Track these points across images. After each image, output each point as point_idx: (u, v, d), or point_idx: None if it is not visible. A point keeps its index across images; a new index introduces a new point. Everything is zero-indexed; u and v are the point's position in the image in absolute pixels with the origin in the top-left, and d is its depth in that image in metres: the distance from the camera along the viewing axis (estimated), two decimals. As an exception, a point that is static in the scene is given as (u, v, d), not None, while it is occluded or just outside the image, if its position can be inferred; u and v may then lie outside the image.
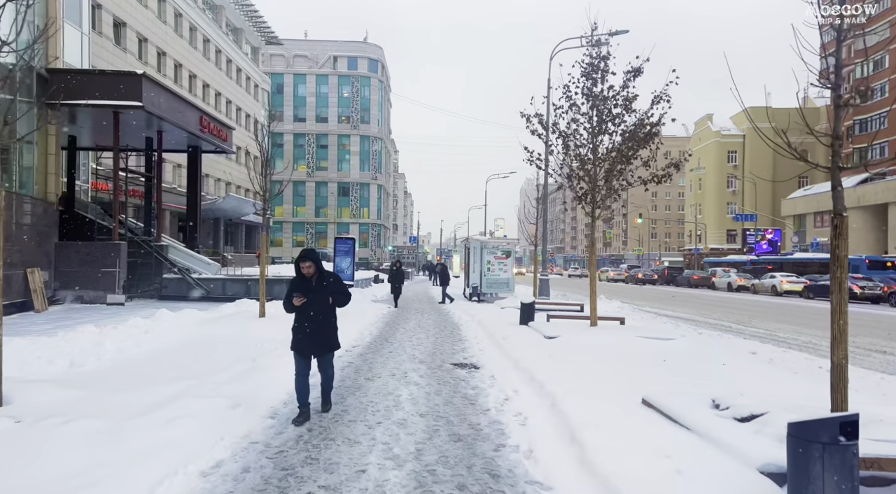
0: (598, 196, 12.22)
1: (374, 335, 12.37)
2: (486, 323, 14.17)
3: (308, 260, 5.63)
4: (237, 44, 48.39)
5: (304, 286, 5.68)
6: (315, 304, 5.68)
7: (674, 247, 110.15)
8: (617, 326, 13.11)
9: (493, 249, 23.83)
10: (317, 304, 5.69)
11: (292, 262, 7.59)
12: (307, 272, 5.64)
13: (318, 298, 5.68)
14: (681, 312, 20.99)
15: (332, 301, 5.77)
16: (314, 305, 5.68)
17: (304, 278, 5.70)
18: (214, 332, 10.72)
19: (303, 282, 5.70)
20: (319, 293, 5.69)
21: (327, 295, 5.73)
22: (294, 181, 79.51)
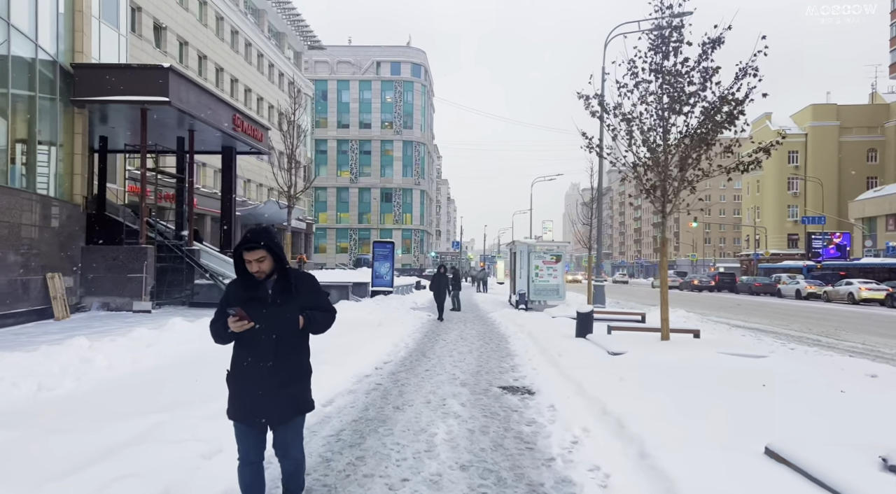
0: (670, 188, 10.49)
1: (410, 348, 10.91)
2: (536, 335, 12.54)
3: (259, 245, 3.05)
4: (279, 48, 48.10)
5: (251, 295, 3.11)
6: (270, 330, 3.10)
7: (729, 252, 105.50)
8: (691, 340, 11.30)
9: (541, 253, 22.14)
10: (274, 330, 3.11)
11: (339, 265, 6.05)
12: (258, 270, 3.08)
13: (277, 319, 3.12)
14: (753, 322, 18.84)
15: (302, 323, 3.21)
16: (269, 332, 3.10)
17: (252, 280, 3.13)
18: (229, 345, 9.44)
19: (247, 289, 3.13)
20: (279, 308, 3.12)
21: (295, 314, 3.16)
22: (337, 187, 79.41)
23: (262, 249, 3.05)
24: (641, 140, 10.41)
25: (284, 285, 3.15)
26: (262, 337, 3.09)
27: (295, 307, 3.17)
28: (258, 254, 3.05)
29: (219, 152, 22.60)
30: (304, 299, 3.23)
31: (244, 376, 3.15)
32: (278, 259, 3.14)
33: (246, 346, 3.15)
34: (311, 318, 3.23)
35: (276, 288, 3.14)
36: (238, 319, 2.97)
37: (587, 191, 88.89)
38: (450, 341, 12.13)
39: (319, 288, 3.36)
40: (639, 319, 16.95)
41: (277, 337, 3.11)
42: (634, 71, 10.47)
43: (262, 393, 3.11)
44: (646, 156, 10.57)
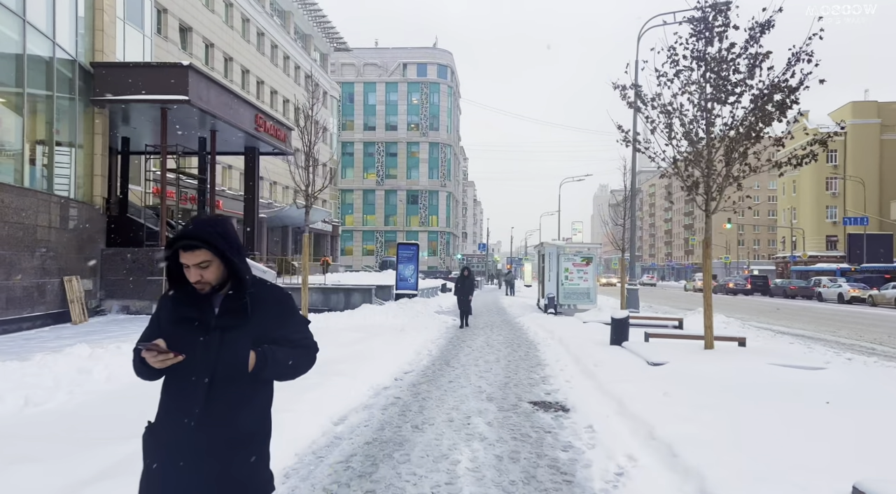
0: (714, 185, 9.68)
1: (433, 356, 10.27)
2: (568, 342, 11.79)
3: (200, 244, 2.00)
4: (305, 50, 48.04)
5: (186, 315, 2.07)
6: (202, 369, 2.02)
7: (763, 254, 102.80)
8: (736, 349, 10.45)
9: (571, 255, 21.32)
10: (207, 370, 2.02)
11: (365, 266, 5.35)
12: (199, 279, 2.02)
13: (216, 354, 2.03)
14: (797, 328, 17.77)
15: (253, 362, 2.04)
16: (200, 372, 2.02)
17: (192, 294, 2.08)
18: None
19: (183, 306, 2.09)
20: (223, 337, 2.05)
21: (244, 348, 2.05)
22: (364, 189, 79.35)
23: (204, 250, 1.97)
24: (682, 133, 9.61)
25: (236, 304, 2.05)
26: (191, 379, 2.01)
27: (246, 337, 2.04)
28: (199, 257, 1.98)
29: (242, 153, 22.32)
30: (266, 326, 2.09)
31: (161, 437, 2.05)
32: (230, 264, 2.02)
33: (170, 390, 2.08)
34: (269, 357, 2.03)
35: (224, 307, 2.05)
36: (157, 353, 1.95)
37: (616, 191, 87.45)
38: (475, 348, 11.46)
39: (294, 310, 2.19)
40: (676, 325, 16.07)
41: (211, 381, 2.00)
42: (675, 59, 9.70)
43: (183, 464, 1.99)
44: (687, 151, 9.78)
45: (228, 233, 2.05)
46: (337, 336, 10.58)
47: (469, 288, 16.39)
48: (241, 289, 2.06)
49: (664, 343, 10.98)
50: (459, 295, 16.30)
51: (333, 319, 14.14)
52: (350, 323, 13.65)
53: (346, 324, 13.41)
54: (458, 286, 16.51)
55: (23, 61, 12.80)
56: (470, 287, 16.47)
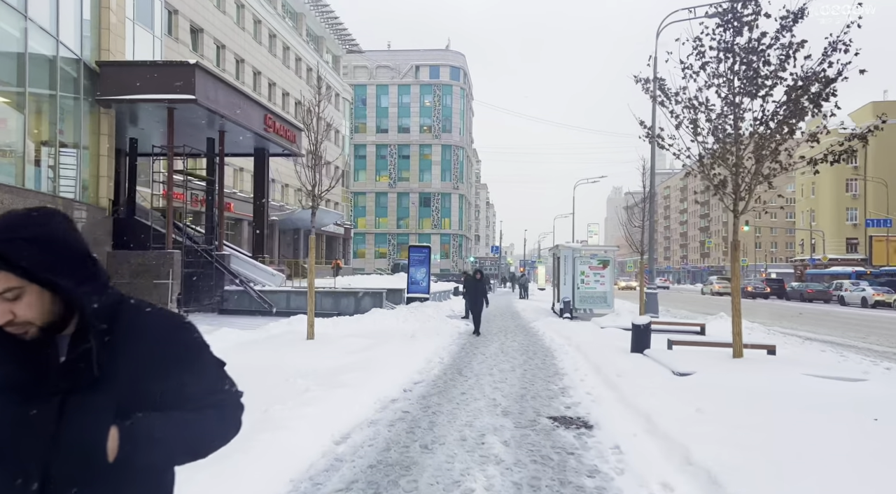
0: (743, 184, 9.11)
1: (444, 364, 9.77)
2: (586, 349, 11.24)
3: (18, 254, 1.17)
4: (318, 52, 47.85)
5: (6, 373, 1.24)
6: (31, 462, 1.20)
7: (780, 257, 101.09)
8: (765, 358, 9.86)
9: (587, 258, 20.74)
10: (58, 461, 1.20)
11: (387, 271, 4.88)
12: (9, 319, 1.19)
13: (65, 433, 1.20)
14: (824, 334, 17.06)
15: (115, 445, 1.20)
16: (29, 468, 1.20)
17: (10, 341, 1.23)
18: (243, 361, 8.47)
19: None
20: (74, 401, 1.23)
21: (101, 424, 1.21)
22: (376, 192, 79.11)
23: (3, 271, 1.18)
24: (710, 129, 9.06)
25: (82, 353, 1.25)
26: (13, 483, 1.20)
27: (105, 404, 1.23)
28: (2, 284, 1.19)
29: (251, 154, 22.02)
30: (141, 380, 1.29)
31: None
32: (55, 288, 1.22)
33: None
34: (142, 433, 1.23)
35: (69, 357, 1.27)
36: None
37: (631, 193, 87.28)
38: (489, 355, 10.95)
39: (193, 350, 1.38)
40: (697, 330, 15.46)
41: (46, 482, 1.21)
42: (701, 50, 9.15)
43: None
44: (714, 148, 9.22)
45: (49, 237, 1.21)
46: (344, 342, 10.12)
47: (480, 293, 14.77)
48: (86, 331, 1.24)
49: (689, 351, 10.40)
50: (469, 299, 14.97)
51: (342, 324, 13.69)
52: (359, 329, 13.19)
53: (354, 330, 12.96)
54: (469, 290, 14.98)
55: (24, 59, 12.53)
56: (482, 291, 14.81)
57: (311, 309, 10.34)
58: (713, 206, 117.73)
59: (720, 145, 9.15)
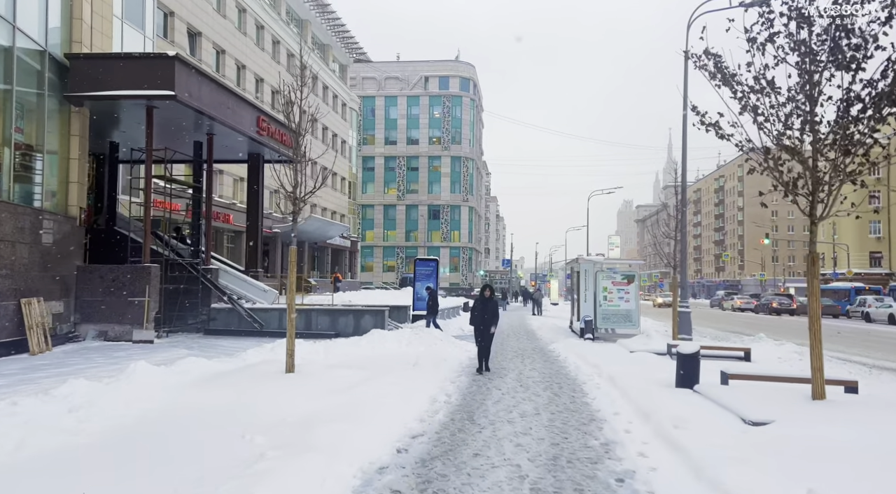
0: (824, 183, 7.32)
1: (452, 404, 7.96)
2: (622, 382, 9.40)
3: None
4: (324, 60, 46.58)
5: None
6: None
7: (798, 271, 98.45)
8: (847, 398, 7.98)
9: (610, 273, 18.89)
10: None
11: None
12: None
13: None
14: (880, 359, 15.11)
15: None
16: None
17: None
18: (197, 403, 6.74)
19: None
20: None
21: None
22: (384, 204, 77.66)
23: None
24: (785, 113, 7.27)
25: None
26: None
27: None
28: None
29: (244, 161, 20.44)
30: None
31: None
32: None
33: None
34: None
35: None
36: None
37: (642, 207, 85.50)
38: (506, 391, 9.13)
39: None
40: (741, 356, 13.58)
41: None
42: (769, 18, 7.40)
43: None
44: (786, 136, 7.42)
45: None
46: (331, 376, 8.35)
47: (491, 317, 11.26)
48: None
49: (748, 387, 8.53)
50: (477, 327, 11.28)
51: (335, 349, 11.92)
52: (353, 355, 11.42)
53: (347, 356, 11.20)
54: (476, 313, 11.40)
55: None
56: (492, 314, 11.30)
57: (290, 336, 8.57)
58: (728, 220, 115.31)
59: (793, 134, 7.36)
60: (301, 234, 38.18)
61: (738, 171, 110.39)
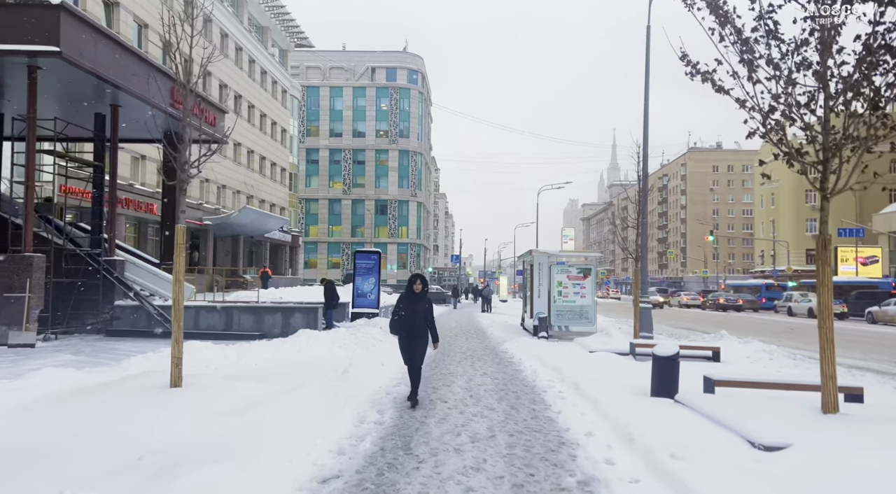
0: (841, 149, 6.01)
1: (384, 426, 6.26)
2: (589, 391, 7.94)
3: None
4: (262, 43, 43.90)
5: None
6: None
7: (738, 268, 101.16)
8: (860, 411, 6.72)
9: (566, 266, 17.58)
10: None
11: None
12: None
13: None
14: (848, 357, 14.31)
15: None
16: None
17: None
18: (35, 431, 4.84)
19: None
20: None
21: None
22: (329, 199, 74.98)
23: None
24: (795, 64, 5.91)
25: None
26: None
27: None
28: None
29: (158, 140, 18.05)
30: None
31: None
32: None
33: None
34: None
35: None
36: None
37: (587, 205, 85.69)
38: (453, 404, 7.52)
39: None
40: (709, 356, 12.42)
41: None
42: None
43: None
44: (796, 92, 6.07)
45: None
46: (230, 391, 6.52)
47: (421, 323, 7.51)
48: None
49: (739, 396, 7.20)
50: (402, 338, 7.62)
51: (251, 355, 10.02)
52: (270, 362, 9.58)
53: (263, 362, 9.35)
54: (399, 317, 7.54)
55: None
56: (423, 318, 7.52)
57: (176, 339, 6.70)
58: (671, 218, 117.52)
59: (805, 86, 6.01)
60: (236, 227, 35.72)
61: (681, 170, 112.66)
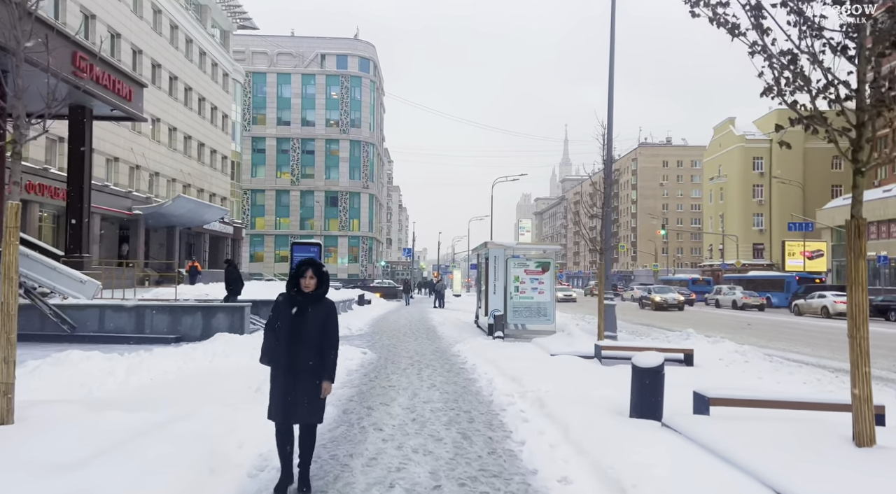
0: (878, 109, 4.71)
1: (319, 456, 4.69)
2: (556, 410, 6.52)
3: None
4: (201, 23, 41.09)
5: None
6: None
7: (686, 262, 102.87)
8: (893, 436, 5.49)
9: (523, 260, 16.23)
10: None
11: None
12: None
13: None
14: (808, 354, 13.45)
15: None
16: None
17: None
18: None
19: None
20: None
21: None
22: (277, 189, 72.11)
23: None
24: None
25: None
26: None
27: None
28: None
29: (63, 116, 15.80)
30: None
31: None
32: None
33: None
34: None
35: None
36: None
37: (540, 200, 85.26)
38: (390, 433, 5.96)
39: None
40: (681, 359, 11.24)
41: None
42: None
43: None
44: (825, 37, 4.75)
45: None
46: (81, 428, 4.77)
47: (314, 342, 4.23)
48: None
49: (742, 418, 5.89)
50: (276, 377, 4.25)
51: (146, 366, 8.18)
52: (170, 376, 7.80)
53: (158, 379, 7.56)
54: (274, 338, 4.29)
55: None
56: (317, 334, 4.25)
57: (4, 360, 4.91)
58: (622, 212, 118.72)
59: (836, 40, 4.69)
60: (170, 217, 33.05)
61: (631, 165, 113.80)
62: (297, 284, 4.27)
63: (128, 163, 31.70)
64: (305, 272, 4.25)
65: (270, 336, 4.27)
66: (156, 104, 34.03)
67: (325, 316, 4.28)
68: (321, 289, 4.32)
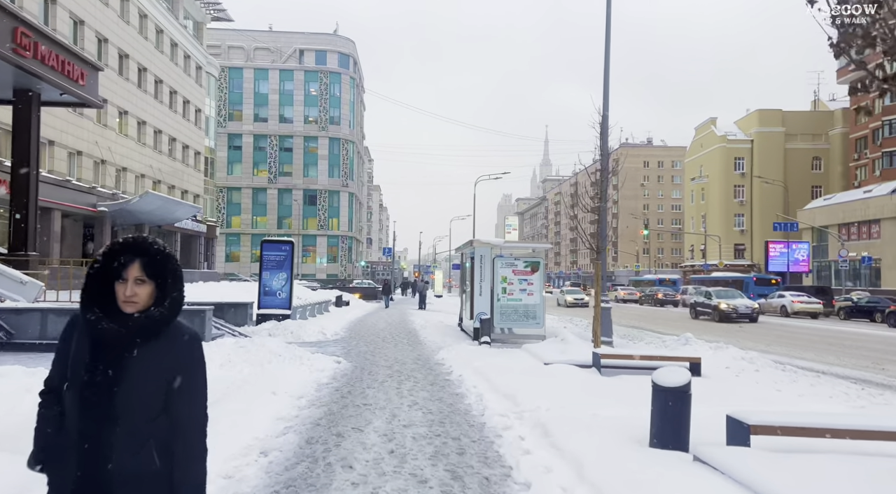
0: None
1: None
2: (563, 439, 5.45)
3: None
4: (172, 13, 39.43)
5: None
6: None
7: (667, 262, 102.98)
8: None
9: (511, 259, 15.17)
10: None
11: None
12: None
13: None
14: (812, 359, 12.58)
15: None
16: None
17: None
18: None
19: None
20: None
21: None
22: (254, 188, 70.34)
23: None
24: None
25: None
26: None
27: None
28: None
29: (8, 101, 14.36)
30: None
31: None
32: None
33: None
34: None
35: None
36: None
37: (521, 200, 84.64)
38: (362, 473, 4.82)
39: None
40: (686, 366, 10.23)
41: None
42: None
43: None
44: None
45: None
46: None
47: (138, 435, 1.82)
48: None
49: (793, 451, 4.85)
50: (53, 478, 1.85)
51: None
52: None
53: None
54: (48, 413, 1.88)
55: None
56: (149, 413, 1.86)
57: None
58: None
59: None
60: (138, 215, 31.37)
61: (613, 165, 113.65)
62: (107, 296, 1.85)
63: (92, 158, 30.07)
64: (127, 267, 1.82)
65: (49, 412, 1.88)
66: (123, 96, 32.41)
67: (172, 367, 1.87)
68: (162, 308, 1.87)
